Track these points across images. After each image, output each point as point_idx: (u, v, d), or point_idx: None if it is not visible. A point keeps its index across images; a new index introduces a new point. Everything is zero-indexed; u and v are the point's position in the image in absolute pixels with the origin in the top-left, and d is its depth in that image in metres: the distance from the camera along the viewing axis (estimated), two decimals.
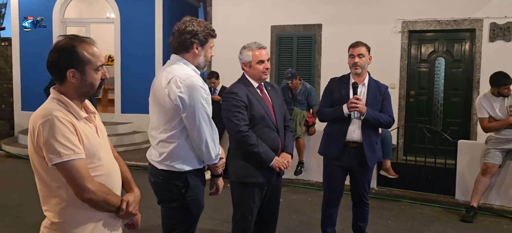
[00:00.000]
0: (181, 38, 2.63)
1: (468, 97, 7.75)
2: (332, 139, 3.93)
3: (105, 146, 2.04)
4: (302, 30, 8.75)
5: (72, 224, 1.89)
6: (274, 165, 3.26)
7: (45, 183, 1.89)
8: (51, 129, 1.78)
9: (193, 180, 2.66)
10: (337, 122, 3.87)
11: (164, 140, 2.61)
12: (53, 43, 1.92)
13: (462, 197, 5.85)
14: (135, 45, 10.38)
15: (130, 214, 2.03)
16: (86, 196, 1.83)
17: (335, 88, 3.94)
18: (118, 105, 10.67)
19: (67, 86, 1.91)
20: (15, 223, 5.04)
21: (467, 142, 6.30)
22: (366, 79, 3.90)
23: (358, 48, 3.81)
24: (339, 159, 3.89)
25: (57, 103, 1.89)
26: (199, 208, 2.75)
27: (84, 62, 1.89)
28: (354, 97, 3.72)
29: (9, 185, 6.79)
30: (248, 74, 3.33)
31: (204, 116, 2.54)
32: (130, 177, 2.19)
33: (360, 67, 3.80)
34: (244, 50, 3.32)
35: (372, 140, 3.86)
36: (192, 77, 2.53)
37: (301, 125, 6.59)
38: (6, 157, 9.13)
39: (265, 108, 3.29)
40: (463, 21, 7.63)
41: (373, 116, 3.75)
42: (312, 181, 6.83)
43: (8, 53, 11.08)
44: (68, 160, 1.79)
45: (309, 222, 5.21)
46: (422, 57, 8.08)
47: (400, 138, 7.91)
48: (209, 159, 2.65)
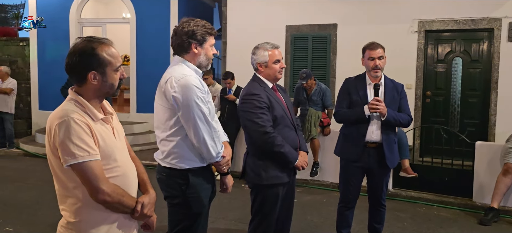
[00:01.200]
0: (179, 40, 2.68)
1: (486, 98, 7.63)
2: (351, 140, 3.88)
3: (121, 147, 2.05)
4: (317, 30, 8.70)
5: (88, 224, 1.90)
6: (298, 164, 3.29)
7: (62, 183, 1.91)
8: (67, 130, 1.79)
9: (195, 178, 2.69)
10: (356, 122, 3.83)
11: (165, 138, 2.68)
12: (71, 46, 1.92)
13: (479, 199, 5.77)
14: (150, 45, 10.46)
15: (145, 215, 2.04)
16: (101, 197, 1.84)
17: (352, 89, 3.89)
18: (134, 105, 10.76)
19: (87, 88, 1.92)
20: (32, 221, 5.11)
21: (485, 143, 6.20)
22: (382, 79, 3.86)
23: (377, 50, 3.76)
24: (358, 161, 3.84)
25: (74, 104, 1.90)
26: (201, 206, 2.76)
27: (104, 64, 1.91)
28: (375, 99, 3.69)
29: (27, 183, 6.89)
30: (262, 74, 3.31)
31: (199, 114, 2.56)
32: (146, 179, 2.19)
33: (380, 70, 3.77)
34: (258, 50, 3.29)
35: (391, 139, 3.82)
36: (187, 77, 2.57)
37: (316, 125, 6.56)
38: (24, 156, 9.28)
39: (283, 108, 3.30)
40: (481, 20, 7.51)
41: (393, 116, 3.72)
42: (327, 182, 6.80)
43: (26, 53, 11.26)
44: (83, 161, 1.80)
45: (324, 223, 5.18)
46: (439, 57, 7.98)
47: (416, 139, 7.82)
48: (209, 157, 2.67)
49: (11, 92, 9.41)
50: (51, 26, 10.58)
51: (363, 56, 3.86)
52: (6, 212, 5.43)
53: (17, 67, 11.26)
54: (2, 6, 12.04)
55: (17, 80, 10.02)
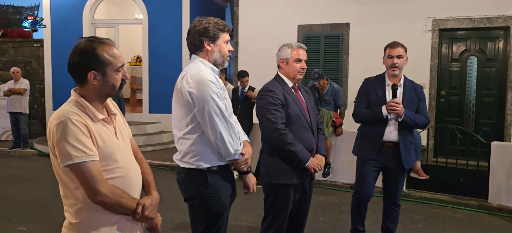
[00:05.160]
0: (192, 39, 2.70)
1: (502, 97, 7.50)
2: (368, 139, 3.90)
3: (124, 148, 2.03)
4: (329, 29, 8.65)
5: (88, 225, 1.89)
6: (309, 166, 3.21)
7: (63, 183, 1.91)
8: (64, 130, 1.79)
9: (214, 177, 2.66)
10: (373, 123, 3.84)
11: (182, 136, 2.65)
12: (74, 46, 1.93)
13: (495, 201, 5.67)
14: (162, 46, 10.50)
15: (146, 218, 2.00)
16: (98, 198, 1.82)
17: (371, 89, 3.90)
18: (146, 105, 10.81)
19: (88, 88, 1.92)
20: (45, 220, 5.14)
21: (501, 143, 6.10)
22: (402, 80, 3.85)
23: (397, 49, 3.77)
24: (375, 159, 3.86)
25: (74, 105, 1.90)
26: (220, 206, 2.71)
27: (105, 64, 1.90)
28: (392, 100, 3.68)
29: (41, 183, 6.95)
30: (283, 72, 3.32)
31: (215, 109, 2.53)
32: (151, 180, 2.16)
33: (398, 69, 3.77)
34: (283, 47, 3.32)
35: (407, 140, 3.83)
36: (202, 73, 2.56)
37: (328, 125, 6.52)
38: (38, 156, 9.37)
39: (301, 108, 3.26)
40: (497, 18, 7.39)
41: (410, 118, 3.73)
42: (339, 183, 6.74)
43: (40, 54, 11.39)
44: (80, 162, 1.79)
45: (336, 224, 5.14)
46: (454, 56, 7.87)
47: (430, 139, 7.73)
48: (227, 154, 2.63)
49: (24, 92, 9.51)
50: (65, 27, 10.71)
51: (384, 54, 3.88)
52: (20, 211, 5.48)
53: (31, 68, 11.40)
54: (17, 8, 12.21)
55: (32, 81, 10.13)
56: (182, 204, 2.84)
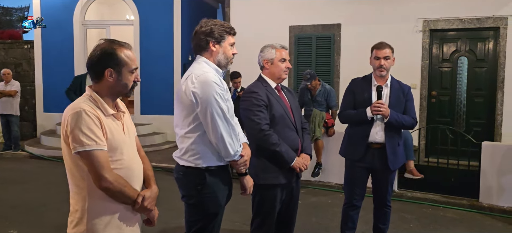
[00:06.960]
0: (198, 39, 2.74)
1: (492, 97, 7.58)
2: (355, 140, 3.88)
3: (129, 143, 2.19)
4: (321, 30, 8.68)
5: (91, 213, 2.03)
6: (295, 165, 3.25)
7: (71, 171, 2.06)
8: (78, 120, 1.95)
9: (212, 177, 2.68)
10: (359, 124, 3.82)
11: (183, 135, 2.69)
12: (95, 45, 2.10)
13: (486, 200, 5.72)
14: (154, 47, 10.46)
15: (145, 208, 2.15)
16: (104, 184, 1.97)
17: (357, 90, 3.88)
18: (138, 106, 10.76)
19: (102, 85, 2.09)
20: (38, 223, 5.11)
21: (491, 143, 6.17)
22: (389, 80, 3.84)
23: (384, 50, 3.74)
24: (361, 160, 3.84)
25: (88, 99, 2.07)
26: (216, 206, 2.75)
27: (121, 64, 2.08)
28: (377, 101, 3.67)
29: (32, 185, 6.90)
30: (267, 73, 3.34)
31: (217, 111, 2.56)
32: (151, 175, 2.31)
33: (385, 70, 3.75)
34: (266, 48, 3.34)
35: (394, 141, 3.80)
36: (207, 73, 2.60)
37: (320, 126, 6.53)
38: (29, 158, 9.30)
39: (284, 109, 3.29)
40: (487, 19, 7.46)
41: (396, 119, 3.71)
42: (331, 183, 6.77)
43: (30, 56, 11.30)
44: (90, 149, 1.95)
45: (329, 225, 5.16)
46: (444, 56, 7.93)
47: (421, 139, 7.78)
48: (227, 155, 2.65)
49: (15, 94, 9.44)
50: (55, 28, 10.61)
51: (371, 55, 3.85)
52: (12, 214, 5.43)
53: (22, 70, 11.31)
54: (7, 9, 12.12)
55: (22, 83, 10.06)
56: (176, 206, 2.85)
